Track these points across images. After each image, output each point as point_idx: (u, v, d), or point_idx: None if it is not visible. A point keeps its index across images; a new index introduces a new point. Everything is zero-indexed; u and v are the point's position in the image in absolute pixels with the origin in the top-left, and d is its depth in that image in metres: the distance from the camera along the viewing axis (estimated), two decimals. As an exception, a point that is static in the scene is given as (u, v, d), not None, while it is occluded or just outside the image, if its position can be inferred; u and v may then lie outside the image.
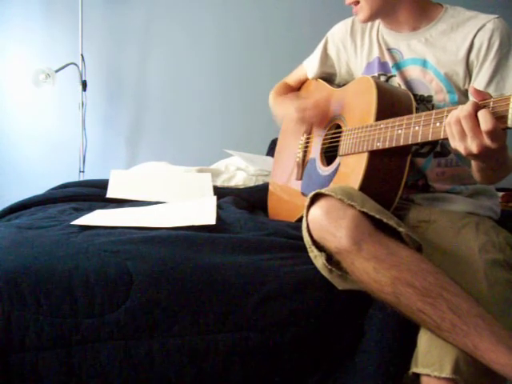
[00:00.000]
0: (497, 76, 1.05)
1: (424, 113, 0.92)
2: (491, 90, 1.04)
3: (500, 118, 0.76)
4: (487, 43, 1.05)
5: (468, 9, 1.13)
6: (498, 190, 1.62)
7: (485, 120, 0.76)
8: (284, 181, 1.45)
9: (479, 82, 1.06)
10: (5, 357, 0.86)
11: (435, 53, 1.12)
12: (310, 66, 1.42)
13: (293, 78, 1.51)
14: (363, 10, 1.13)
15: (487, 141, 0.77)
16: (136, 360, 0.88)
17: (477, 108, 0.78)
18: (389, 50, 1.20)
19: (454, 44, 1.09)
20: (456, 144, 0.82)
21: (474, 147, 0.79)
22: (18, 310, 0.87)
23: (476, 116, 0.78)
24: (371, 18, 1.15)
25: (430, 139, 0.90)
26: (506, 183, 1.10)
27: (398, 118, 0.97)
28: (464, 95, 1.11)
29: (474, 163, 0.96)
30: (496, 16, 1.07)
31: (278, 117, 1.43)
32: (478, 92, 0.80)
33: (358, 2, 1.13)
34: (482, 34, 1.05)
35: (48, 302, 0.88)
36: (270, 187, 1.54)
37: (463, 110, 0.79)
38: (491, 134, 0.76)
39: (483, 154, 0.80)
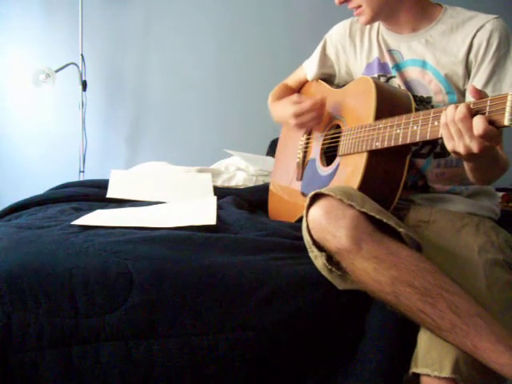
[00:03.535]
0: (494, 77, 1.05)
1: (422, 112, 0.92)
2: (488, 91, 1.04)
3: (497, 116, 0.76)
4: (486, 43, 1.05)
5: (468, 9, 1.13)
6: (498, 190, 1.62)
7: (477, 126, 0.78)
8: (284, 181, 1.45)
9: (476, 82, 1.06)
10: (5, 357, 0.86)
11: (435, 54, 1.12)
12: (309, 68, 1.42)
13: (293, 80, 1.51)
14: (365, 13, 1.13)
15: (485, 141, 0.78)
16: (136, 360, 0.88)
17: (470, 109, 0.79)
18: (389, 51, 1.20)
19: (455, 45, 1.09)
20: (455, 144, 0.82)
21: (474, 146, 0.80)
22: (18, 310, 0.87)
23: (471, 117, 0.79)
24: (373, 20, 1.15)
25: (428, 138, 0.90)
26: (506, 183, 1.11)
27: (397, 118, 0.98)
28: (464, 95, 1.11)
29: (466, 164, 0.96)
30: (495, 16, 1.07)
31: (276, 118, 1.42)
32: (476, 91, 0.80)
33: (359, 6, 1.13)
34: (481, 34, 1.05)
35: (48, 302, 0.88)
36: (271, 187, 1.54)
37: (458, 112, 0.80)
38: (485, 136, 0.77)
39: (483, 153, 0.80)
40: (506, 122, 0.74)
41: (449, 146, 0.84)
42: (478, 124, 0.77)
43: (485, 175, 1.00)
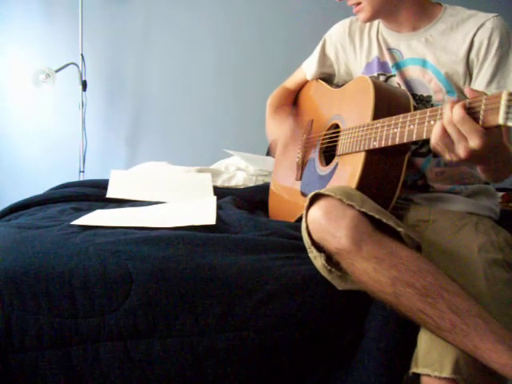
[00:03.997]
0: (498, 74, 1.05)
1: (419, 111, 0.92)
2: (493, 89, 1.04)
3: (492, 116, 0.76)
4: (487, 42, 1.05)
5: (467, 7, 1.13)
6: (498, 189, 1.62)
7: (454, 111, 0.78)
8: (284, 181, 1.46)
9: (480, 80, 1.06)
10: (5, 357, 0.86)
11: (435, 53, 1.12)
12: (308, 68, 1.42)
13: (292, 81, 1.51)
14: (365, 10, 1.13)
15: (472, 143, 0.78)
16: (136, 360, 0.88)
17: (464, 108, 0.79)
18: (389, 49, 1.20)
19: (455, 43, 1.09)
20: (446, 155, 0.83)
21: (460, 151, 0.80)
22: (18, 310, 0.87)
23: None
24: (373, 17, 1.15)
25: (424, 137, 0.90)
26: (507, 183, 1.10)
27: (394, 117, 0.98)
28: (464, 94, 1.11)
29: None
30: (495, 14, 1.07)
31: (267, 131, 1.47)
32: (472, 92, 0.80)
33: (359, 3, 1.13)
34: (482, 32, 1.06)
35: (48, 302, 0.88)
36: (271, 187, 1.54)
37: (455, 114, 0.79)
38: (464, 126, 0.77)
39: (471, 159, 0.80)
40: (501, 121, 0.74)
41: (446, 157, 0.84)
42: (455, 110, 0.78)
43: (499, 174, 1.00)
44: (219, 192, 1.55)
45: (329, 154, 1.25)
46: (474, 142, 0.77)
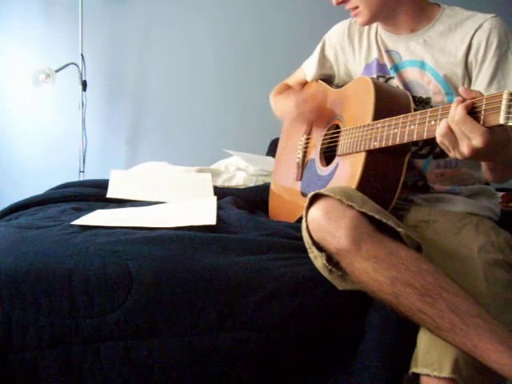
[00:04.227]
0: (498, 75, 1.05)
1: (419, 111, 0.92)
2: (493, 90, 1.04)
3: (492, 115, 0.76)
4: (485, 43, 1.05)
5: (466, 8, 1.13)
6: (498, 190, 1.62)
7: (456, 111, 0.80)
8: (284, 181, 1.46)
9: (480, 82, 1.06)
10: (5, 356, 0.86)
11: (434, 54, 1.12)
12: (308, 69, 1.42)
13: (293, 81, 1.51)
14: (362, 14, 1.13)
15: (474, 142, 0.78)
16: (136, 360, 0.88)
17: (467, 108, 0.80)
18: (387, 52, 1.19)
19: (453, 45, 1.09)
20: (451, 153, 0.84)
21: (464, 149, 0.80)
22: (18, 310, 0.88)
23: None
24: (370, 21, 1.15)
25: (425, 137, 0.90)
26: (506, 183, 1.11)
27: (395, 117, 0.98)
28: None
29: (483, 163, 0.97)
30: (493, 15, 1.07)
31: (278, 113, 1.43)
32: (467, 92, 0.81)
33: (357, 7, 1.13)
34: (480, 33, 1.05)
35: (48, 302, 0.88)
36: (272, 187, 1.54)
37: (457, 115, 0.80)
38: (465, 126, 0.79)
39: (475, 156, 0.81)
40: (501, 121, 0.74)
41: (456, 153, 0.85)
42: (456, 111, 0.79)
43: (504, 173, 1.00)
44: (219, 192, 1.55)
45: (329, 154, 1.25)
46: (477, 140, 0.79)
